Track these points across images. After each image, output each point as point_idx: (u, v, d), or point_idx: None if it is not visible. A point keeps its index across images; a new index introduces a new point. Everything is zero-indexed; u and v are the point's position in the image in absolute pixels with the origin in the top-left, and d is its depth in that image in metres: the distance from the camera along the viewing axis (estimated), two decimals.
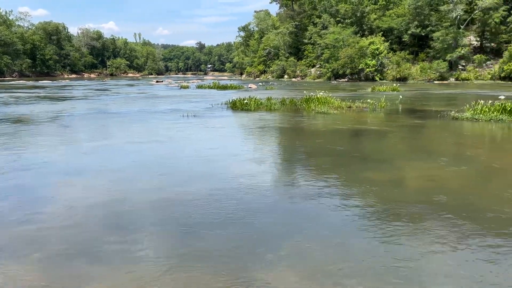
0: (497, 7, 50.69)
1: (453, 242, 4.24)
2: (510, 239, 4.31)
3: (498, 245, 4.16)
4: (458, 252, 4.03)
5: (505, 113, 13.69)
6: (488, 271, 3.64)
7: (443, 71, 52.25)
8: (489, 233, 4.45)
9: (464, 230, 4.55)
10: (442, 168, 7.42)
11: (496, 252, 4.00)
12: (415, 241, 4.27)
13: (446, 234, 4.43)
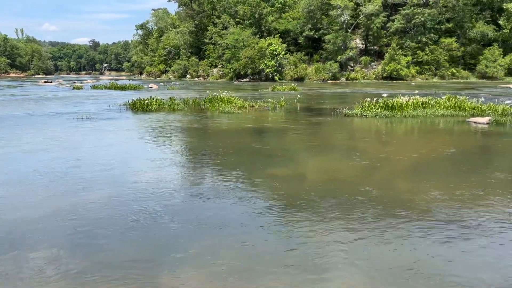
0: (378, 13, 56.25)
1: (350, 229, 4.60)
2: (399, 221, 4.80)
3: (391, 227, 4.61)
4: (356, 238, 4.37)
5: (388, 109, 15.28)
6: (385, 252, 4.01)
7: (335, 72, 56.41)
8: (383, 218, 4.91)
9: (361, 216, 4.96)
10: (339, 161, 8.00)
11: (389, 234, 4.43)
12: (317, 231, 4.53)
13: (344, 222, 4.78)
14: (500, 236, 4.40)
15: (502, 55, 53.78)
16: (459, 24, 55.62)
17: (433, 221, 4.80)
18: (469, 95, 21.77)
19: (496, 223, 4.74)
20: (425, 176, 6.92)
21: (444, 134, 11.75)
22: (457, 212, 5.09)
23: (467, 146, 9.78)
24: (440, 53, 54.06)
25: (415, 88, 33.44)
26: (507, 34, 53.67)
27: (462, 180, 6.62)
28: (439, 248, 4.09)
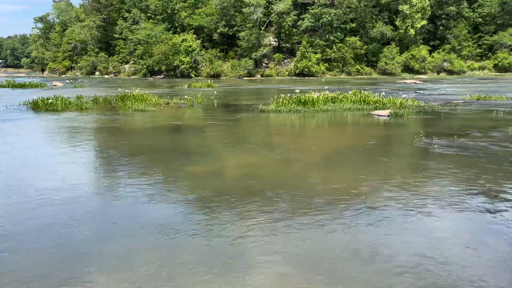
0: (289, 12, 58.29)
1: (270, 221, 4.70)
2: (317, 211, 5.02)
3: (308, 217, 4.81)
4: (276, 228, 4.48)
5: (301, 104, 15.94)
6: (300, 241, 4.17)
7: (250, 68, 57.33)
8: (301, 208, 5.10)
9: (280, 208, 5.09)
10: (257, 156, 8.14)
11: (307, 223, 4.61)
12: (238, 226, 4.56)
13: (265, 215, 4.88)
14: (407, 218, 4.82)
15: (399, 53, 59.12)
16: (361, 24, 59.93)
17: (346, 208, 5.11)
18: (372, 89, 23.59)
19: (402, 205, 5.19)
20: (337, 166, 7.35)
21: (352, 126, 12.58)
22: (366, 197, 5.48)
23: (372, 137, 10.58)
24: (346, 51, 57.74)
25: (325, 84, 35.35)
26: (403, 34, 59.07)
27: (370, 168, 7.14)
28: (355, 234, 4.37)
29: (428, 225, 4.60)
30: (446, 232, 4.43)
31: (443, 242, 4.15)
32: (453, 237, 4.31)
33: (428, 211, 4.99)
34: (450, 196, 5.53)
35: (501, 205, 5.19)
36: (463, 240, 4.24)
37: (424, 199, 5.39)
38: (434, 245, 4.06)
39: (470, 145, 8.82)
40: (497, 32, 63.64)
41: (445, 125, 12.43)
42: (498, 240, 4.20)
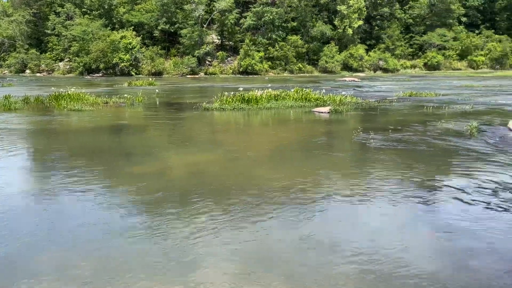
0: (231, 10, 58.25)
1: (216, 220, 4.66)
2: (261, 209, 5.05)
3: (255, 214, 4.82)
4: (222, 227, 4.44)
5: (244, 102, 16.00)
6: (247, 237, 4.16)
7: (194, 66, 56.58)
8: (248, 206, 5.10)
9: (225, 206, 5.06)
10: (201, 154, 8.05)
11: (251, 221, 4.62)
12: (183, 226, 4.47)
13: (211, 214, 4.82)
14: (347, 209, 4.99)
15: (338, 52, 61.28)
16: (302, 23, 61.39)
17: (291, 202, 5.19)
18: (314, 87, 24.25)
19: (343, 197, 5.37)
20: (281, 162, 7.46)
21: (295, 123, 12.84)
22: (309, 191, 5.60)
23: (313, 133, 10.86)
24: (288, 49, 58.83)
25: (268, 82, 35.76)
26: (341, 33, 61.31)
27: (312, 163, 7.32)
28: (299, 227, 4.44)
29: (367, 215, 4.80)
30: (384, 221, 4.64)
31: (381, 231, 4.35)
32: (390, 225, 4.53)
33: (367, 201, 5.21)
34: (386, 187, 5.81)
35: (432, 194, 5.54)
36: (400, 228, 4.47)
37: (363, 191, 5.62)
38: (372, 234, 4.24)
39: (403, 139, 9.34)
40: (426, 33, 68.07)
41: (381, 120, 13.07)
42: (431, 227, 4.48)
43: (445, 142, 8.96)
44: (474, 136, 9.51)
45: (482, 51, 67.92)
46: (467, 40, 67.57)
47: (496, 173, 6.41)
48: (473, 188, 5.71)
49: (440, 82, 36.29)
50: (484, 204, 5.08)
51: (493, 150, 8.11)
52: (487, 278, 3.38)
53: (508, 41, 69.73)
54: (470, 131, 9.82)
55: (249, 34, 58.82)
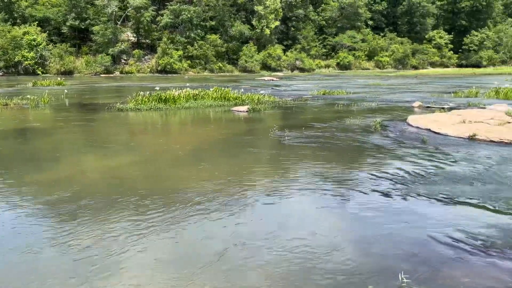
0: (146, 7, 56.38)
1: (135, 225, 4.44)
2: (181, 211, 4.92)
3: (175, 216, 4.67)
4: (140, 231, 4.24)
5: (162, 102, 15.59)
6: (167, 240, 4.03)
7: (108, 65, 53.81)
8: (167, 209, 4.93)
9: (143, 210, 4.84)
10: (115, 158, 7.65)
11: (170, 223, 4.48)
12: (101, 233, 4.19)
13: (128, 219, 4.58)
14: (265, 206, 5.07)
15: (257, 52, 62.45)
16: (221, 22, 61.49)
17: (209, 202, 5.13)
18: (233, 86, 24.42)
19: (260, 193, 5.44)
20: (200, 162, 7.36)
21: (213, 123, 12.80)
22: (227, 190, 5.60)
23: (232, 132, 10.92)
24: (207, 48, 58.56)
25: (188, 81, 35.26)
26: (259, 33, 62.55)
27: (230, 161, 7.34)
28: (216, 226, 4.41)
29: (285, 209, 4.92)
30: (300, 214, 4.80)
31: (299, 224, 4.48)
32: (306, 217, 4.69)
33: (284, 196, 5.35)
34: (301, 182, 6.02)
35: (341, 185, 5.86)
36: (315, 219, 4.65)
37: (280, 186, 5.76)
38: (291, 227, 4.36)
39: (315, 135, 9.78)
40: (338, 34, 72.22)
41: (296, 118, 13.57)
42: (340, 217, 4.73)
43: (353, 137, 9.56)
44: (378, 131, 10.27)
45: (387, 52, 73.84)
46: (373, 42, 72.97)
47: (395, 164, 6.98)
48: (377, 179, 6.15)
49: (351, 81, 38.72)
50: (385, 193, 5.49)
51: (394, 143, 8.83)
52: (388, 262, 3.65)
53: (409, 43, 76.66)
54: (375, 126, 10.59)
55: (166, 32, 57.44)
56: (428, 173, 6.42)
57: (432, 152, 7.87)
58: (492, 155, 7.52)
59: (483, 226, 4.36)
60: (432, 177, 6.20)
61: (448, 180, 6.00)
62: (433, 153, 7.79)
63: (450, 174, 6.32)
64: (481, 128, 9.62)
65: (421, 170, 6.56)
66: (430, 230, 4.29)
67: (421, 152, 7.85)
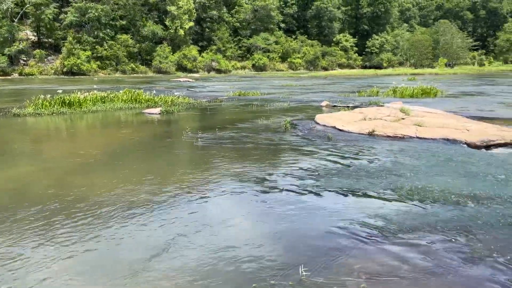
0: (47, 4, 52.22)
1: (43, 237, 4.02)
2: (89, 220, 4.57)
3: (81, 226, 4.32)
4: (44, 243, 3.85)
5: (65, 106, 14.52)
6: (73, 251, 3.71)
7: (4, 66, 48.93)
8: (69, 220, 4.54)
9: (47, 221, 4.41)
10: (12, 169, 6.91)
11: (75, 233, 4.13)
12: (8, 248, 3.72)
13: (35, 232, 4.14)
14: (179, 210, 4.93)
15: (171, 53, 61.27)
16: (132, 22, 59.23)
17: (125, 209, 4.85)
18: (146, 88, 23.66)
19: (177, 197, 5.28)
20: (109, 168, 6.96)
21: (123, 126, 12.24)
22: (141, 195, 5.35)
23: (143, 135, 10.54)
24: (118, 48, 56.04)
25: (97, 83, 33.37)
26: (173, 33, 61.43)
27: (140, 165, 7.05)
28: (122, 235, 4.17)
29: (203, 210, 4.84)
30: (219, 214, 4.75)
31: (213, 225, 4.43)
32: (228, 217, 4.65)
33: (199, 198, 5.26)
34: (215, 183, 5.99)
35: (255, 186, 5.94)
36: (232, 219, 4.64)
37: (194, 189, 5.66)
38: (213, 228, 4.29)
39: (228, 136, 9.83)
40: (252, 36, 73.73)
41: (210, 119, 13.53)
42: (256, 217, 4.77)
43: (264, 136, 9.79)
44: (288, 130, 10.65)
45: (299, 54, 77.21)
46: (286, 44, 75.82)
47: (303, 162, 7.28)
48: (286, 176, 6.35)
49: (266, 82, 39.77)
50: (294, 189, 5.69)
51: (302, 141, 9.22)
52: (292, 256, 3.76)
53: (319, 45, 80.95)
54: (285, 126, 10.96)
55: (72, 32, 53.78)
56: (332, 168, 6.79)
57: (336, 148, 8.36)
58: (388, 149, 8.20)
59: (380, 215, 4.72)
60: (336, 172, 6.57)
61: (350, 174, 6.41)
62: (337, 149, 8.27)
63: (352, 168, 6.75)
64: (379, 124, 10.45)
65: (326, 166, 6.92)
66: (333, 223, 4.53)
67: (326, 149, 8.28)
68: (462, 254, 3.71)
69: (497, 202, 5.00)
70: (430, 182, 5.83)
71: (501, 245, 3.89)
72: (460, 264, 3.55)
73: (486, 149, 8.24)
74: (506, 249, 3.80)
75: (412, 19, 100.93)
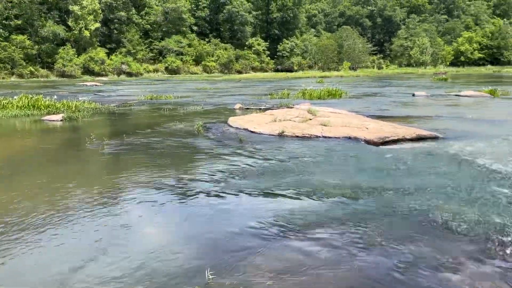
0: None
1: None
2: None
3: None
4: None
5: None
6: None
7: None
8: None
9: None
10: None
11: None
12: None
13: None
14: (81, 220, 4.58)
15: (76, 55, 57.42)
16: (29, 21, 54.38)
17: (27, 225, 4.37)
18: (47, 93, 21.83)
19: (80, 207, 4.90)
20: (3, 182, 6.25)
21: (20, 136, 11.15)
22: (44, 210, 4.88)
23: (42, 144, 9.71)
24: (13, 50, 51.08)
25: None
26: (77, 35, 57.63)
27: (41, 177, 6.45)
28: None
29: (107, 221, 4.55)
30: (129, 223, 4.50)
31: (130, 233, 4.19)
32: (139, 227, 4.42)
33: (106, 208, 4.95)
34: (123, 193, 5.70)
35: (168, 192, 5.77)
36: (148, 228, 4.43)
37: (102, 199, 5.32)
38: (121, 238, 4.04)
39: (138, 142, 9.48)
40: (164, 39, 72.16)
41: (119, 125, 12.93)
42: (170, 223, 4.62)
43: (177, 141, 9.61)
44: (201, 133, 10.59)
45: (213, 57, 77.35)
46: (199, 47, 75.50)
47: (216, 165, 7.28)
48: (199, 180, 6.28)
49: (180, 85, 39.19)
50: (207, 193, 5.65)
51: (215, 144, 9.23)
52: (202, 260, 3.72)
53: (232, 49, 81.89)
54: (197, 129, 10.88)
55: None
56: (242, 170, 6.89)
57: (247, 150, 8.50)
58: (296, 149, 8.56)
59: (287, 212, 4.88)
60: (247, 173, 6.67)
61: (260, 175, 6.56)
62: (248, 151, 8.41)
63: (262, 169, 6.92)
64: (289, 125, 10.87)
65: (237, 168, 7.00)
66: (243, 223, 4.59)
67: (238, 151, 8.39)
68: (358, 244, 4.00)
69: (390, 193, 5.48)
70: (332, 178, 6.21)
71: (391, 232, 4.27)
72: (356, 253, 3.82)
73: (382, 145, 9.00)
74: (395, 235, 4.19)
75: (319, 25, 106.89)
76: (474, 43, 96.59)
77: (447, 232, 4.24)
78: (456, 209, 4.84)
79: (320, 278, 3.40)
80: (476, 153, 7.80)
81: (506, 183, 5.83)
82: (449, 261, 3.64)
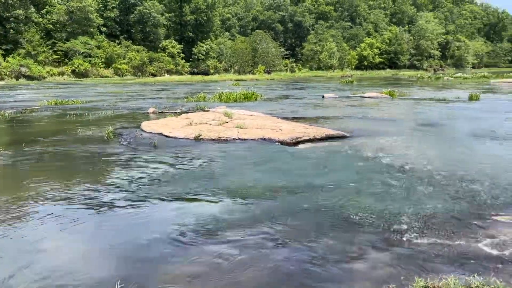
0: None
1: None
2: None
3: None
4: None
5: None
6: None
7: None
8: None
9: None
10: None
11: None
12: None
13: None
14: None
15: None
16: None
17: None
18: None
19: None
20: None
21: None
22: None
23: None
24: None
25: None
26: None
27: None
28: None
29: (12, 238, 4.06)
30: (36, 238, 4.06)
31: (38, 249, 3.77)
32: (47, 242, 4.01)
33: (6, 226, 4.43)
34: (25, 207, 5.16)
35: (77, 203, 5.36)
36: (58, 242, 4.03)
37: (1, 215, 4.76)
38: (29, 255, 3.61)
39: (40, 151, 8.72)
40: (69, 40, 67.37)
41: (17, 133, 11.76)
42: (82, 236, 4.28)
43: (85, 149, 9.02)
44: (112, 139, 10.06)
45: (125, 60, 74.06)
46: (109, 49, 71.79)
47: (128, 172, 6.96)
48: (111, 189, 5.95)
49: (89, 89, 36.90)
50: (119, 202, 5.37)
51: (127, 150, 8.83)
52: (114, 272, 3.52)
53: (145, 51, 79.19)
54: (107, 135, 10.33)
55: None
56: (157, 176, 6.69)
57: (162, 155, 8.28)
58: (213, 152, 8.54)
59: (204, 216, 4.84)
60: (162, 179, 6.49)
61: (176, 180, 6.42)
62: (163, 156, 8.20)
63: (178, 174, 6.78)
64: (205, 128, 10.81)
65: (151, 174, 6.77)
66: (158, 231, 4.45)
67: (152, 156, 8.13)
68: (272, 242, 4.11)
69: (301, 191, 5.72)
70: (249, 180, 6.31)
71: (303, 228, 4.45)
72: (271, 251, 3.92)
73: (295, 145, 9.37)
74: (307, 231, 4.38)
75: (233, 28, 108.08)
76: (375, 49, 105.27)
77: (353, 224, 4.54)
78: (362, 202, 5.21)
79: (238, 279, 3.43)
80: (377, 149, 8.49)
81: (402, 176, 6.43)
82: (355, 251, 3.91)
